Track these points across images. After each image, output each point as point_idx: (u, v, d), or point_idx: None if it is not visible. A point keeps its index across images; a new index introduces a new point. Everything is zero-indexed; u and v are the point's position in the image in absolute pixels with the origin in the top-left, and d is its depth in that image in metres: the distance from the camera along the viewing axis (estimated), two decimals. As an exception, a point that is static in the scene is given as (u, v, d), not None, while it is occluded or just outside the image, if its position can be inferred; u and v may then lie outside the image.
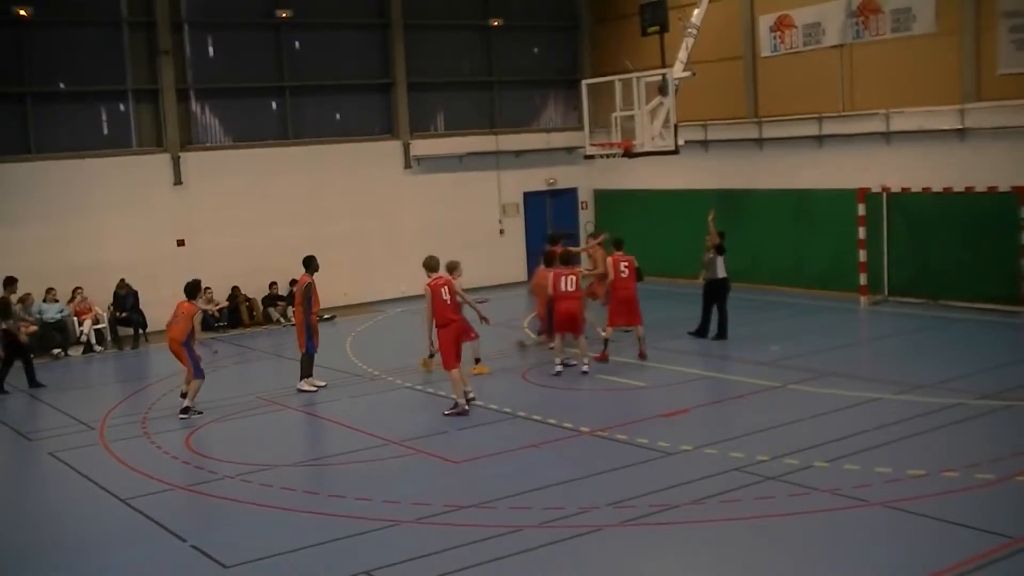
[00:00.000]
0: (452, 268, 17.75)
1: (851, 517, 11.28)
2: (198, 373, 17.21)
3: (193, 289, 17.69)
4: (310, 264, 19.05)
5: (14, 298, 21.32)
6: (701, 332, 21.36)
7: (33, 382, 20.29)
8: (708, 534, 11.08)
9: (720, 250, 20.97)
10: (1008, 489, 11.85)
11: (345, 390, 18.70)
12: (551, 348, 19.14)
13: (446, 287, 16.51)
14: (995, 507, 11.36)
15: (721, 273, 20.96)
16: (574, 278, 18.55)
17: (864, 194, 24.23)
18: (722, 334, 21.09)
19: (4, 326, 20.06)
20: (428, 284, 16.55)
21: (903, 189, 23.85)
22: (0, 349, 20.30)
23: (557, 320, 18.52)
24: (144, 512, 12.69)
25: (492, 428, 15.72)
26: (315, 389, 18.47)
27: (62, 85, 25.51)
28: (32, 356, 20.83)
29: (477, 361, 19.13)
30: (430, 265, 17.11)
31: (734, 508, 11.66)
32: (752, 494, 12.04)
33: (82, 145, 25.42)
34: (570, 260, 19.00)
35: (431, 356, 18.26)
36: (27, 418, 18.55)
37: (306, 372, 18.65)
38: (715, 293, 21.11)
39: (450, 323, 16.53)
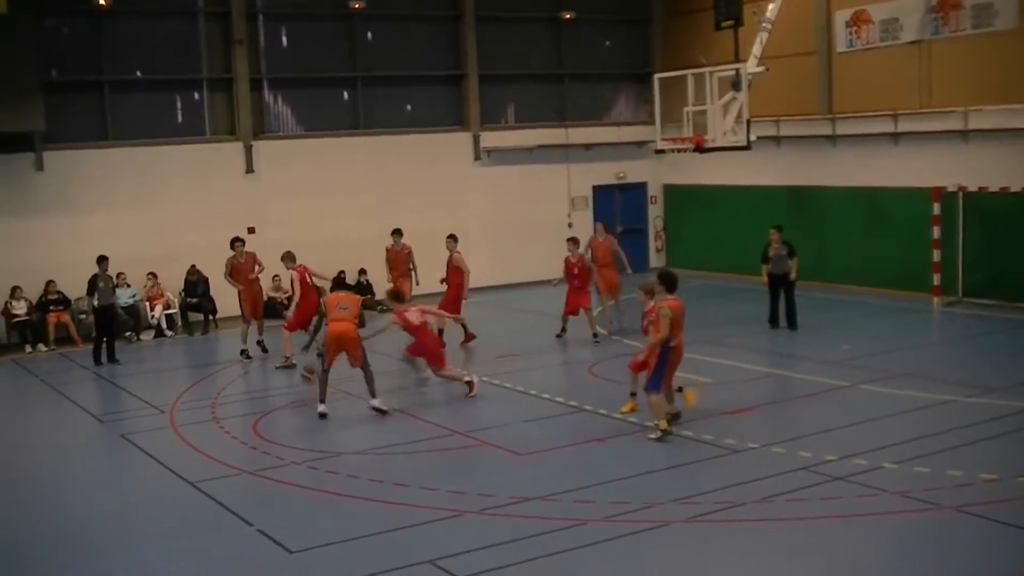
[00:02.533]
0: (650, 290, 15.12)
1: (921, 520, 11.12)
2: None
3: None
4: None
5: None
6: (782, 321, 21.89)
7: (112, 357, 21.40)
8: (774, 533, 10.98)
9: (793, 252, 21.50)
10: (1084, 496, 11.61)
11: (411, 379, 18.75)
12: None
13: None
14: (1070, 514, 11.13)
15: (787, 270, 21.56)
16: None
17: (939, 193, 23.82)
18: (792, 324, 21.58)
19: (95, 303, 21.16)
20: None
21: (980, 188, 23.39)
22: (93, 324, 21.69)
23: None
24: (212, 495, 12.85)
25: (558, 421, 15.70)
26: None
27: (138, 74, 25.90)
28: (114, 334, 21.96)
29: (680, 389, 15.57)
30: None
31: (801, 508, 11.54)
32: (819, 494, 11.91)
33: (157, 133, 25.79)
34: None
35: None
36: (100, 400, 18.91)
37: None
38: (784, 286, 21.62)
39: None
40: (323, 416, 16.12)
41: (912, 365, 18.31)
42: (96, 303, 21.31)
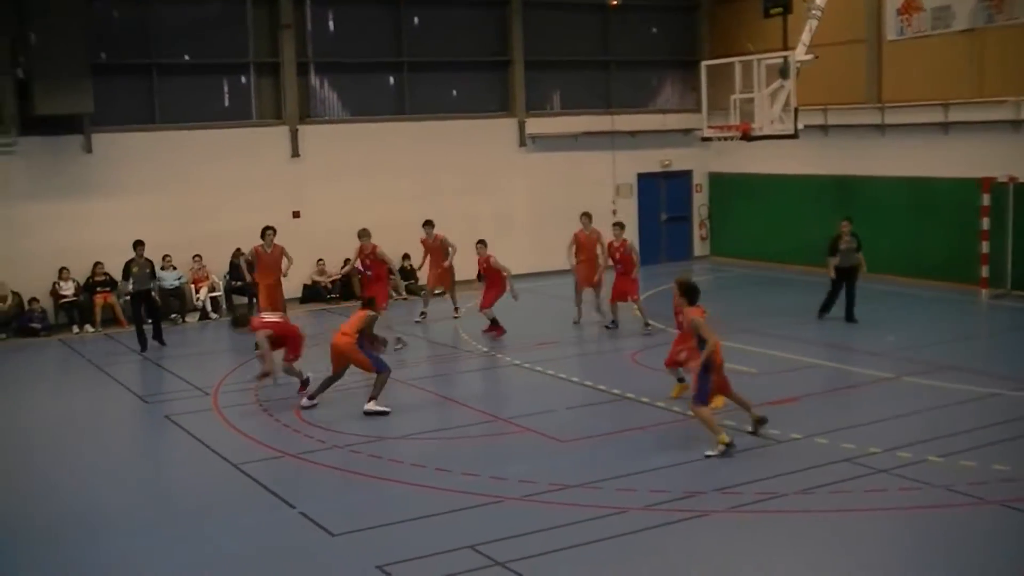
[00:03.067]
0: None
1: (965, 514, 11.02)
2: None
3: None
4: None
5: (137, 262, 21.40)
6: (826, 309, 21.62)
7: (159, 337, 21.47)
8: (815, 525, 10.92)
9: (860, 245, 21.27)
10: None
11: (455, 366, 18.80)
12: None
13: None
14: (1119, 511, 10.99)
15: (856, 263, 21.26)
16: None
17: (989, 184, 23.51)
18: (850, 317, 21.22)
19: (130, 288, 21.16)
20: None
21: (1031, 180, 23.12)
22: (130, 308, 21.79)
23: None
24: (255, 477, 12.95)
25: (600, 409, 15.69)
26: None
27: (186, 57, 26.05)
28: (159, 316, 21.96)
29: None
30: None
31: (843, 500, 11.46)
32: (862, 486, 11.83)
33: (203, 116, 25.93)
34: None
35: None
36: (145, 381, 19.10)
37: None
38: (849, 279, 21.24)
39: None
40: (306, 408, 16.01)
41: (958, 358, 18.11)
42: (131, 288, 21.24)
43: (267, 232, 21.05)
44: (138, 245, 21.26)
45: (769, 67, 23.76)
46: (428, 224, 23.06)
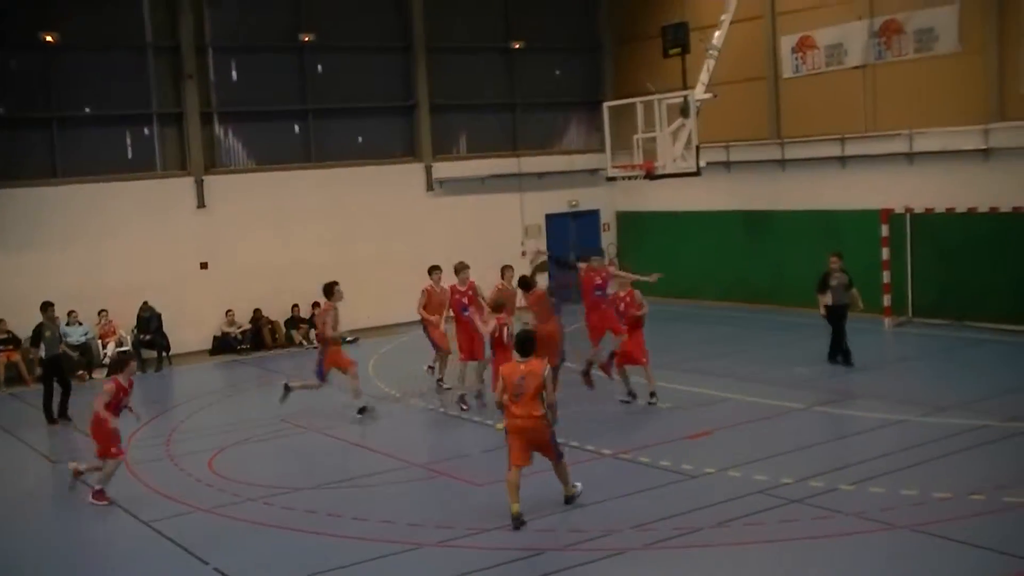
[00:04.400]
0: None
1: (877, 540, 11.20)
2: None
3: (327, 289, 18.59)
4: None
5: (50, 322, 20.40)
6: (840, 356, 20.29)
7: (63, 412, 19.63)
8: (732, 557, 11.02)
9: (851, 281, 20.27)
10: (1036, 512, 11.75)
11: (368, 412, 18.66)
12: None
13: None
14: (1023, 530, 11.24)
15: (847, 301, 20.17)
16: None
17: (888, 215, 24.11)
18: (835, 357, 20.25)
19: (41, 353, 19.90)
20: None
21: (927, 210, 23.73)
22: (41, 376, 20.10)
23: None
24: (166, 534, 12.71)
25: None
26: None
27: (87, 109, 25.73)
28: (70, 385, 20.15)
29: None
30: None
31: (758, 531, 11.58)
32: (776, 517, 11.96)
33: (107, 168, 25.57)
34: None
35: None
36: (52, 441, 18.64)
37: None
38: (840, 317, 20.24)
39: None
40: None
41: (865, 385, 18.49)
42: (43, 354, 19.88)
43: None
44: (48, 307, 20.14)
45: (671, 106, 24.21)
46: (436, 269, 20.62)
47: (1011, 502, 11.92)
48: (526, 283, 17.66)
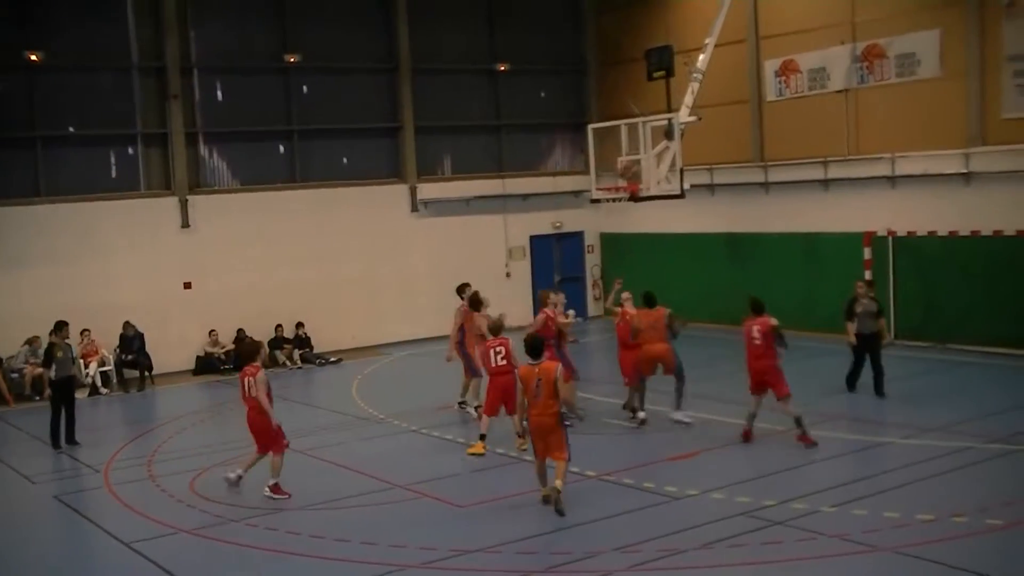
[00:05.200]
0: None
1: (859, 562, 11.22)
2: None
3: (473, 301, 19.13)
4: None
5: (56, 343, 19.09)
6: (852, 381, 19.89)
7: (71, 438, 18.89)
8: (716, 579, 11.03)
9: (881, 309, 19.87)
10: (1018, 534, 11.80)
11: (351, 433, 18.64)
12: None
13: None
14: (1005, 552, 11.30)
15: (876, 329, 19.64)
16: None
17: (870, 237, 24.24)
18: (879, 391, 19.42)
19: (51, 374, 18.81)
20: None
21: (909, 233, 23.89)
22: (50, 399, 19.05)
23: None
24: (148, 556, 12.64)
25: (500, 472, 15.66)
26: None
27: (72, 129, 25.70)
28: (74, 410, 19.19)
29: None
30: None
31: (741, 553, 11.59)
32: (759, 539, 11.98)
33: (91, 188, 25.54)
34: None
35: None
36: (32, 462, 18.47)
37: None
38: (872, 347, 19.54)
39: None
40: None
41: (848, 407, 18.54)
42: (53, 375, 18.71)
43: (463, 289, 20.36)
44: (62, 327, 19.01)
45: (655, 129, 24.28)
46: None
47: (994, 524, 11.97)
48: (650, 300, 18.21)
